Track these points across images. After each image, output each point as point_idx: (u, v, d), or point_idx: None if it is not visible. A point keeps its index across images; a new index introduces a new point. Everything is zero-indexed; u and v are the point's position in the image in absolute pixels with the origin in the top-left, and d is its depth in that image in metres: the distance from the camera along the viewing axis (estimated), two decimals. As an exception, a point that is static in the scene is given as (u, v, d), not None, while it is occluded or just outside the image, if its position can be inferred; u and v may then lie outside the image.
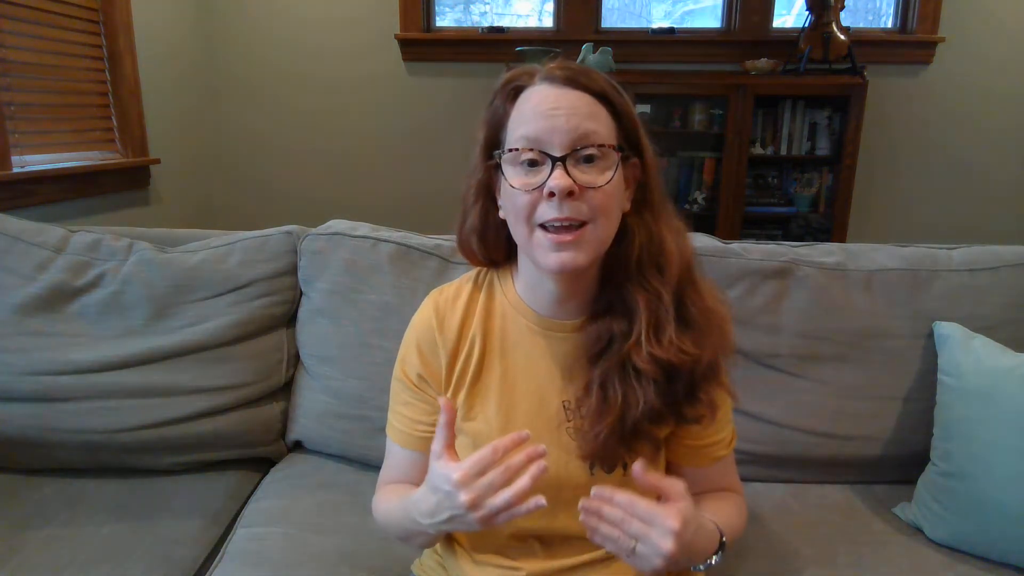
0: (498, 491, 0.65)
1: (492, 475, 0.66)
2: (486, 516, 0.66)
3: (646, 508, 0.66)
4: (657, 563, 0.65)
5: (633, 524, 0.66)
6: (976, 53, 3.04)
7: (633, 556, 0.66)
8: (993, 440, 1.04)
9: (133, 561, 1.04)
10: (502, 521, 0.66)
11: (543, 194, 0.71)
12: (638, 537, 0.65)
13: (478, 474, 0.66)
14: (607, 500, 0.67)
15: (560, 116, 0.71)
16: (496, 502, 0.65)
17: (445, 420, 0.71)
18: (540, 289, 0.80)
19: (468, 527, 0.68)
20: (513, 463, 0.66)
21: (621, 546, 0.66)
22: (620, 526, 0.66)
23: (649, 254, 0.76)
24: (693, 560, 0.72)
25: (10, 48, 2.03)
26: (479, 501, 0.66)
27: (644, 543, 0.65)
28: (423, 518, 0.72)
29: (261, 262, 1.30)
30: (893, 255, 1.28)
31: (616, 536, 0.66)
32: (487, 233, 0.82)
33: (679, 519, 0.65)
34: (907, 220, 3.23)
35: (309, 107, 3.22)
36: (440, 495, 0.69)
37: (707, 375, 0.76)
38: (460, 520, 0.68)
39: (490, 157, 0.78)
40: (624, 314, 0.76)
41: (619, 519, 0.66)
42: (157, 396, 1.22)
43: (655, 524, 0.65)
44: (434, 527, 0.72)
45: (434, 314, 0.84)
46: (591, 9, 3.11)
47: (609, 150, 0.73)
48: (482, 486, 0.66)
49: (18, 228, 1.30)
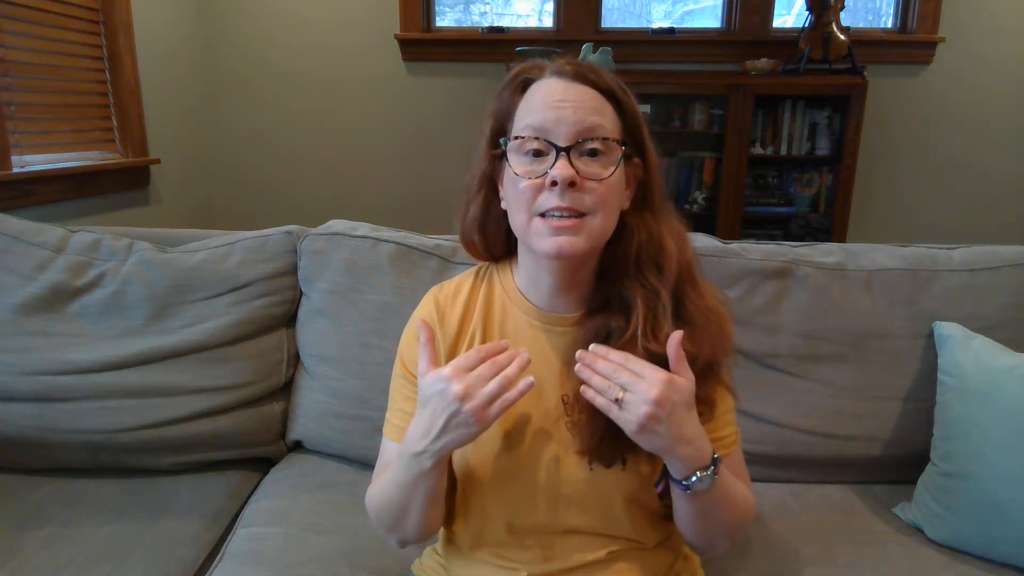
0: (488, 382, 0.69)
1: (480, 368, 0.70)
2: (479, 406, 0.68)
3: (638, 362, 0.70)
4: (644, 411, 0.67)
5: (623, 374, 0.69)
6: (976, 53, 3.05)
7: (621, 409, 0.68)
8: (993, 440, 1.04)
9: (133, 561, 1.04)
10: (496, 412, 0.68)
11: (546, 183, 0.72)
12: (626, 386, 0.68)
13: (467, 369, 0.70)
14: (603, 355, 0.71)
15: (567, 108, 0.73)
16: (487, 389, 0.68)
17: (425, 338, 0.75)
18: (539, 282, 0.81)
19: (466, 429, 0.69)
20: (499, 359, 0.70)
21: (610, 395, 0.69)
22: (611, 376, 0.69)
23: (648, 253, 0.77)
24: (680, 445, 0.70)
25: (10, 48, 2.03)
26: (471, 390, 0.68)
27: (632, 391, 0.68)
28: (419, 443, 0.72)
29: (261, 262, 1.30)
30: (893, 255, 1.28)
31: (606, 386, 0.69)
32: (488, 225, 0.83)
33: (667, 374, 0.69)
34: (907, 220, 3.23)
35: (309, 107, 3.22)
36: (433, 399, 0.71)
37: (705, 373, 0.76)
38: (456, 422, 0.69)
39: (495, 146, 0.79)
40: (622, 310, 0.77)
41: (611, 371, 0.70)
42: (157, 396, 1.22)
43: (645, 375, 0.68)
44: (432, 449, 0.71)
45: (435, 308, 0.85)
46: (591, 9, 3.11)
47: (613, 144, 0.74)
48: (472, 376, 0.69)
49: (18, 228, 1.30)
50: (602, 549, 0.81)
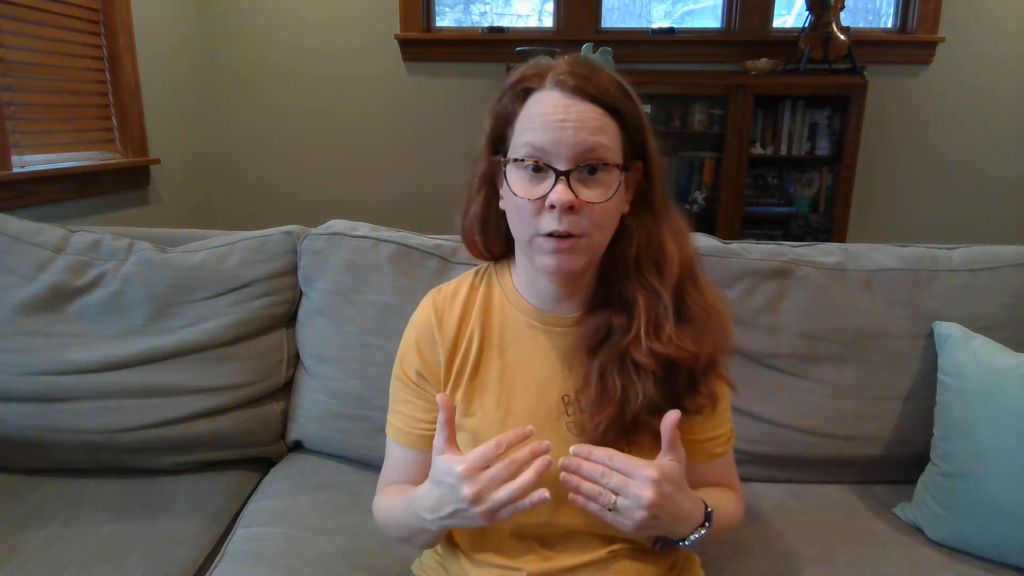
0: (501, 485, 0.66)
1: (496, 469, 0.66)
2: (489, 510, 0.66)
3: (623, 460, 0.68)
4: (639, 516, 0.66)
5: (612, 477, 0.67)
6: (976, 53, 3.04)
7: (616, 513, 0.67)
8: (993, 440, 1.04)
9: (133, 561, 1.04)
10: (505, 516, 0.67)
11: (544, 205, 0.72)
12: (618, 490, 0.67)
13: (482, 467, 0.67)
14: (585, 457, 0.69)
15: (568, 129, 0.71)
16: (500, 496, 0.66)
17: (444, 417, 0.72)
18: (538, 285, 0.81)
19: (471, 522, 0.69)
20: (517, 457, 0.67)
21: (603, 502, 0.67)
22: (599, 481, 0.67)
23: (647, 254, 0.77)
24: (678, 524, 0.71)
25: (10, 48, 2.03)
26: (482, 495, 0.66)
27: (624, 495, 0.66)
28: (426, 513, 0.72)
29: (261, 262, 1.30)
30: (893, 255, 1.28)
31: (597, 492, 0.67)
32: (488, 222, 0.83)
33: (656, 468, 0.67)
34: (907, 220, 3.23)
35: (309, 107, 3.22)
36: (444, 489, 0.69)
37: (707, 370, 0.77)
38: (463, 515, 0.68)
39: (495, 152, 0.79)
40: (623, 309, 0.77)
41: (598, 474, 0.68)
42: (157, 396, 1.22)
43: (634, 475, 0.67)
44: (437, 523, 0.72)
45: (433, 312, 0.85)
46: (591, 9, 3.11)
47: (612, 168, 0.73)
48: (486, 479, 0.66)
49: (18, 228, 1.30)
50: (602, 549, 0.81)
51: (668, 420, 0.71)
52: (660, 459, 0.71)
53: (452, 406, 0.74)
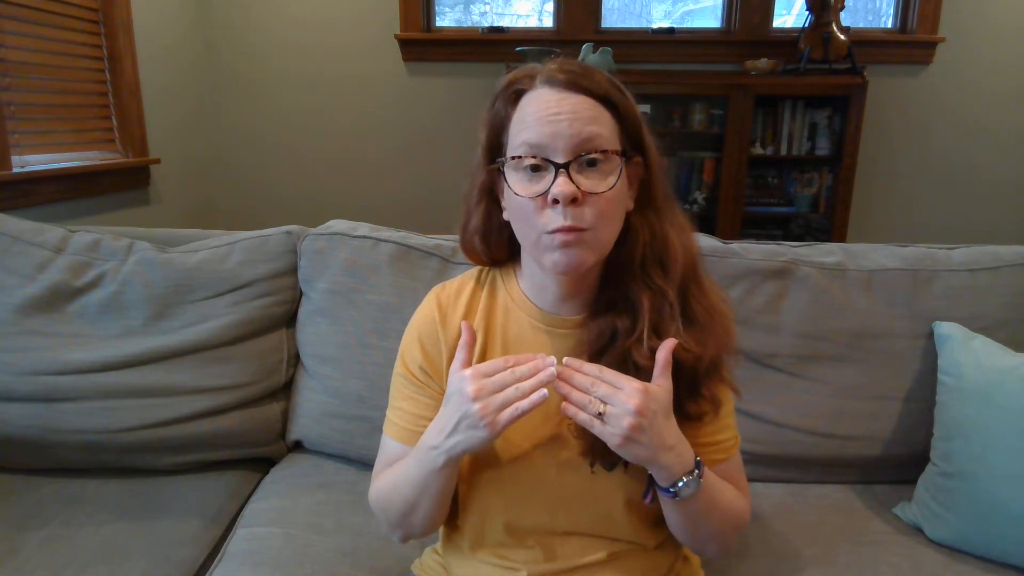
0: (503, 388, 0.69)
1: (499, 375, 0.70)
2: (489, 409, 0.68)
3: (613, 374, 0.70)
4: (627, 423, 0.67)
5: (601, 387, 0.69)
6: (976, 53, 3.05)
7: (604, 423, 0.68)
8: (993, 440, 1.04)
9: (133, 561, 1.04)
10: (506, 418, 0.68)
11: (547, 201, 0.71)
12: (606, 399, 0.68)
13: (487, 374, 0.70)
14: (577, 368, 0.71)
15: (562, 121, 0.71)
16: (500, 395, 0.68)
17: (465, 340, 0.76)
18: (544, 288, 0.81)
19: (476, 432, 0.69)
20: (520, 369, 0.70)
21: (591, 410, 0.68)
22: (589, 390, 0.69)
23: (653, 252, 0.77)
24: (664, 453, 0.70)
25: (10, 48, 2.03)
26: (482, 392, 0.69)
27: (612, 403, 0.68)
28: (434, 439, 0.73)
29: (261, 262, 1.30)
30: (893, 255, 1.28)
31: (586, 401, 0.69)
32: (490, 234, 0.83)
33: (642, 383, 0.69)
34: (907, 220, 3.23)
35: (309, 107, 3.22)
36: (452, 397, 0.72)
37: (710, 372, 0.76)
38: (468, 423, 0.69)
39: (492, 160, 0.78)
40: (628, 311, 0.76)
41: (588, 384, 0.69)
42: (157, 396, 1.22)
43: (622, 386, 0.69)
44: (445, 448, 0.72)
45: (437, 308, 0.85)
46: (591, 9, 3.11)
47: (612, 155, 0.72)
48: (489, 381, 0.69)
49: (18, 228, 1.30)
50: (602, 550, 0.81)
51: (664, 348, 0.72)
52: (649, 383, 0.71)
53: (473, 331, 0.77)
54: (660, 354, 0.72)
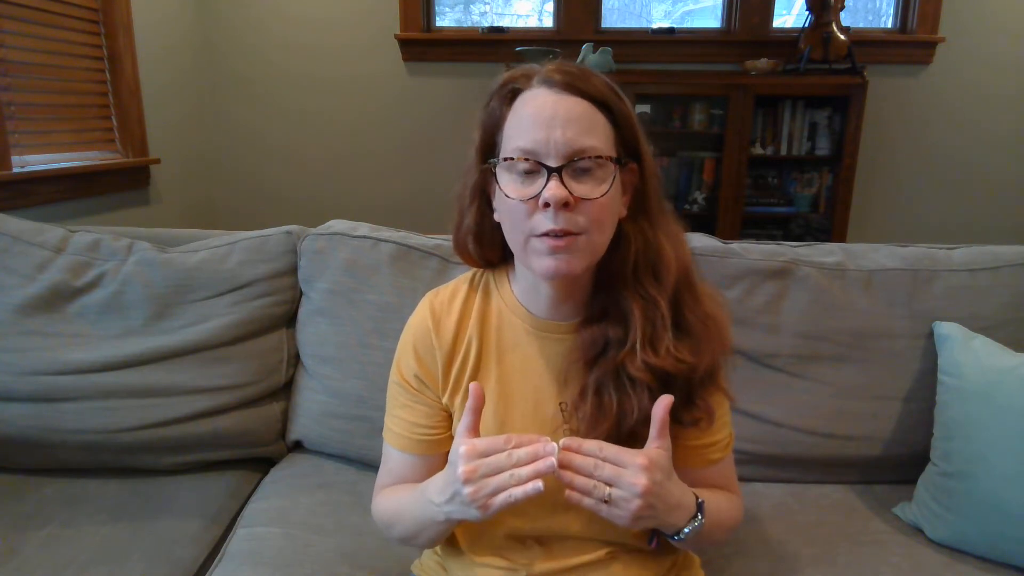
0: (497, 473, 0.65)
1: (496, 457, 0.66)
2: (481, 494, 0.65)
3: (614, 451, 0.67)
4: (635, 505, 0.65)
5: (605, 469, 0.67)
6: (976, 53, 3.05)
7: (612, 505, 0.66)
8: (993, 440, 1.04)
9: (133, 561, 1.04)
10: (497, 504, 0.65)
11: (538, 204, 0.70)
12: (611, 481, 0.66)
13: (483, 453, 0.67)
14: (575, 449, 0.68)
15: (557, 126, 0.70)
16: (493, 481, 0.65)
17: (472, 405, 0.71)
18: (536, 292, 0.80)
19: (467, 510, 0.68)
20: (518, 452, 0.66)
21: (597, 495, 0.66)
22: (593, 474, 0.67)
23: (645, 260, 0.76)
24: (671, 513, 0.70)
25: (10, 48, 2.03)
26: (473, 476, 0.66)
27: (618, 485, 0.66)
28: (435, 496, 0.72)
29: (261, 262, 1.30)
30: (893, 255, 1.28)
31: (591, 486, 0.66)
32: (483, 235, 0.82)
33: (645, 456, 0.67)
34: (907, 220, 3.23)
35: (309, 107, 3.22)
36: (449, 468, 0.69)
37: (704, 381, 0.76)
38: (459, 499, 0.67)
39: (485, 160, 0.77)
40: (620, 321, 0.76)
41: (591, 467, 0.67)
42: (157, 396, 1.22)
43: (625, 464, 0.66)
44: (442, 509, 0.71)
45: (430, 315, 0.84)
46: (591, 9, 3.11)
47: (606, 162, 0.72)
48: (484, 463, 0.66)
49: (18, 228, 1.30)
50: (600, 550, 0.81)
51: (659, 407, 0.70)
52: (648, 447, 0.70)
53: (482, 394, 0.72)
54: (657, 413, 0.70)
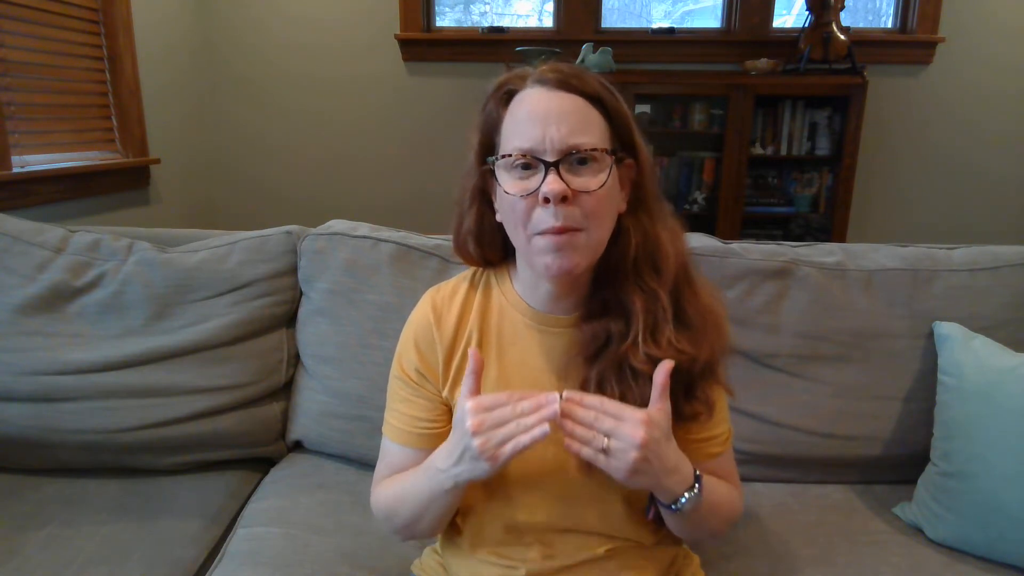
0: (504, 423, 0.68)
1: (501, 410, 0.68)
2: (489, 444, 0.67)
3: (614, 405, 0.69)
4: (632, 457, 0.66)
5: (605, 421, 0.68)
6: (976, 53, 3.05)
7: (609, 456, 0.68)
8: (993, 440, 1.04)
9: (133, 561, 1.04)
10: (506, 454, 0.67)
11: (538, 200, 0.71)
12: (610, 433, 0.68)
13: (489, 407, 0.69)
14: (578, 402, 0.69)
15: (552, 122, 0.72)
16: (500, 431, 0.67)
17: (473, 367, 0.73)
18: (537, 287, 0.81)
19: (476, 464, 0.69)
20: (522, 404, 0.68)
21: (596, 445, 0.68)
22: (592, 425, 0.68)
23: (645, 254, 0.77)
24: (668, 476, 0.71)
25: (10, 48, 2.03)
26: (481, 427, 0.68)
27: (616, 436, 0.67)
28: (441, 462, 0.73)
29: (261, 262, 1.30)
30: (893, 255, 1.28)
31: (591, 436, 0.68)
32: (483, 236, 0.83)
33: (644, 412, 0.68)
34: (907, 220, 3.23)
35: (309, 107, 3.22)
36: (458, 427, 0.71)
37: (704, 373, 0.77)
38: (469, 455, 0.69)
39: (484, 162, 0.78)
40: (621, 314, 0.77)
41: (591, 419, 0.68)
42: (157, 396, 1.22)
43: (625, 418, 0.68)
44: (450, 474, 0.72)
45: (431, 310, 0.85)
46: (591, 9, 3.11)
47: (602, 154, 0.73)
48: (490, 416, 0.68)
49: (18, 228, 1.30)
50: (601, 547, 0.81)
51: (660, 371, 0.71)
52: (649, 408, 0.71)
53: (481, 358, 0.75)
54: (658, 377, 0.71)
